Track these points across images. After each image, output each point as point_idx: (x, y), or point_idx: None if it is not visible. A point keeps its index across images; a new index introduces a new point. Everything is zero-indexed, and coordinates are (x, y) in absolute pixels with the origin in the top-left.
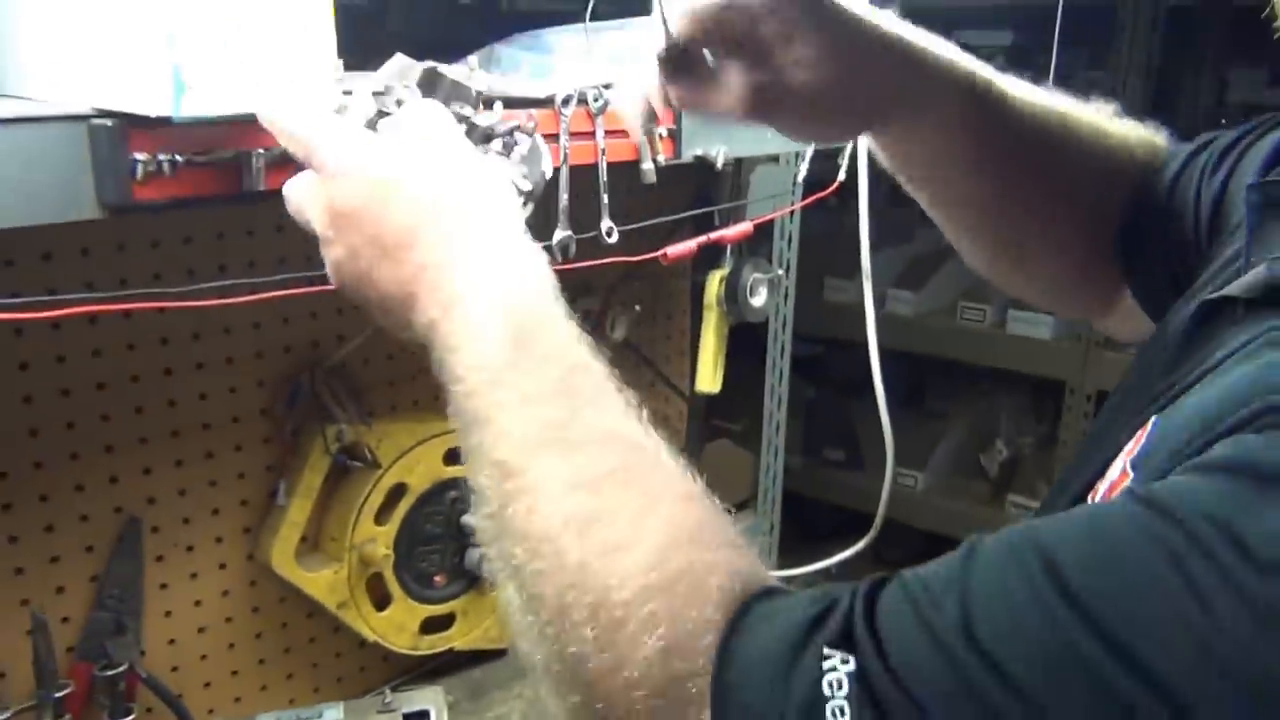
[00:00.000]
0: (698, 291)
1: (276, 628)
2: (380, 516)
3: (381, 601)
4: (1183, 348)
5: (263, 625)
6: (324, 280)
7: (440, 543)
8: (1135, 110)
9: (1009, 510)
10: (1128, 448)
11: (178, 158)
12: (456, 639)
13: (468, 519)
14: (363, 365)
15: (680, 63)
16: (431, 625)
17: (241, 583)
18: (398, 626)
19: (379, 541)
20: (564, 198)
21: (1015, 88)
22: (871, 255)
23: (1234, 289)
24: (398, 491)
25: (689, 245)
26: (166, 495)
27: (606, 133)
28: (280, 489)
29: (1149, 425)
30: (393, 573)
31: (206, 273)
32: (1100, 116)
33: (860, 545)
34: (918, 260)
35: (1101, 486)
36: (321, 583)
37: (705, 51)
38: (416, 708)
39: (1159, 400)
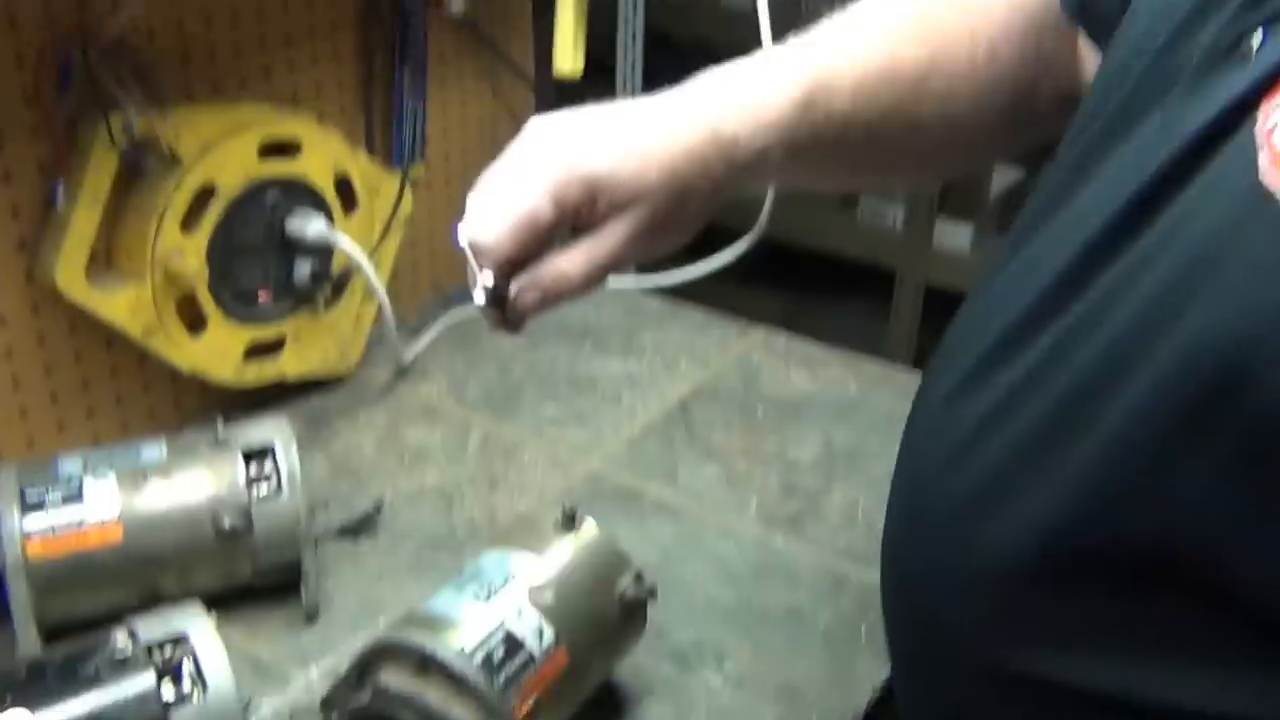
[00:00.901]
0: None
1: (69, 360)
2: (187, 224)
3: (196, 324)
4: None
5: (52, 357)
6: None
7: (262, 254)
8: None
9: (861, 215)
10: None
11: None
12: (288, 366)
13: (294, 226)
14: (148, 40)
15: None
16: (258, 351)
17: (21, 308)
18: (218, 354)
19: (187, 253)
20: None
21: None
22: None
23: None
24: (206, 194)
25: None
26: None
27: None
28: (58, 192)
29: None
30: (207, 290)
31: None
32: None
33: (738, 252)
34: None
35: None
36: (121, 305)
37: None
38: (256, 442)
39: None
